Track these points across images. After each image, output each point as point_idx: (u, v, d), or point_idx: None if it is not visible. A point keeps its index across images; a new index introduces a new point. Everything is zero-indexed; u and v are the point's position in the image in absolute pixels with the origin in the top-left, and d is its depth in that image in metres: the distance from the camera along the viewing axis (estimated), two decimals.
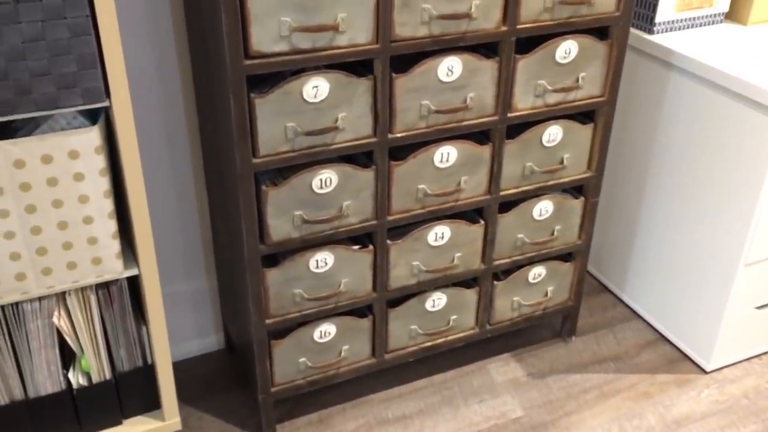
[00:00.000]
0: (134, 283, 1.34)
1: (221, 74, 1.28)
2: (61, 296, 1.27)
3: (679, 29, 1.76)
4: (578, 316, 1.89)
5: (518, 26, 1.41)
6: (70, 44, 1.06)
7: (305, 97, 1.31)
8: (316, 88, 1.31)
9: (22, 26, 1.03)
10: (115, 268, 1.26)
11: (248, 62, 1.24)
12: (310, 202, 1.41)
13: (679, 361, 1.85)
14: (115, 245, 1.24)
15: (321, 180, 1.39)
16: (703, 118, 1.66)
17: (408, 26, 1.33)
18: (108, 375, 1.36)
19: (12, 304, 1.23)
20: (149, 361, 1.39)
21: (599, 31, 1.52)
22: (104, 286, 1.29)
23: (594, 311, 2.02)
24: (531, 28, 1.42)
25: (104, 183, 1.19)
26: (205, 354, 1.86)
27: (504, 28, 1.40)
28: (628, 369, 1.83)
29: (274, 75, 1.35)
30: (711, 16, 1.78)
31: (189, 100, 1.58)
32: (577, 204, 1.69)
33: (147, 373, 1.40)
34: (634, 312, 2.00)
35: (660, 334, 1.93)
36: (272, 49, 1.25)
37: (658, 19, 1.71)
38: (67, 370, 1.35)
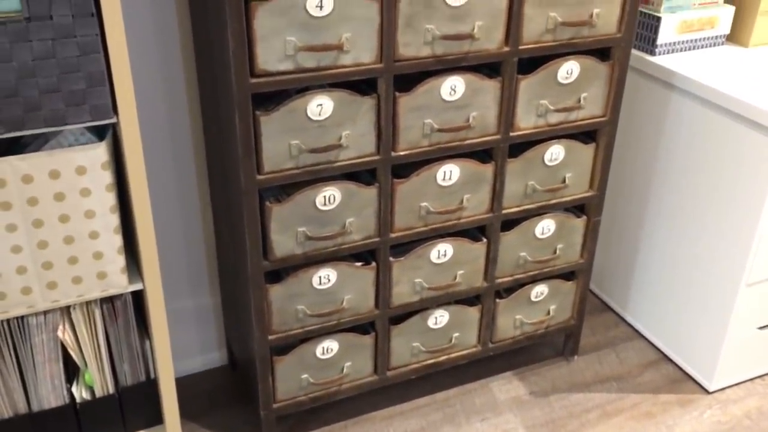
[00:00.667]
0: (138, 297, 1.35)
1: (227, 92, 1.30)
2: (66, 310, 1.28)
3: (681, 51, 1.78)
4: (581, 334, 1.89)
5: (520, 47, 1.43)
6: (80, 62, 1.08)
7: (310, 115, 1.33)
8: (321, 106, 1.33)
9: (33, 44, 1.05)
10: (119, 283, 1.27)
11: (254, 80, 1.26)
12: (314, 218, 1.42)
13: (682, 381, 1.85)
14: (120, 260, 1.25)
15: (324, 197, 1.41)
16: (704, 138, 1.67)
17: (411, 46, 1.35)
18: (111, 389, 1.37)
19: (17, 318, 1.24)
20: (152, 376, 1.39)
21: (601, 51, 1.54)
22: (109, 301, 1.30)
23: (596, 330, 2.02)
24: (533, 49, 1.44)
25: (110, 198, 1.20)
26: (207, 370, 1.86)
27: (506, 49, 1.42)
28: (631, 388, 1.83)
29: (279, 93, 1.37)
30: (713, 38, 1.79)
31: (195, 117, 1.60)
32: (579, 223, 1.70)
33: (150, 388, 1.40)
34: (637, 331, 2.00)
35: (662, 353, 1.93)
36: (277, 67, 1.27)
37: (659, 40, 1.73)
38: (71, 384, 1.35)
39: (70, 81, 1.09)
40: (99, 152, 1.17)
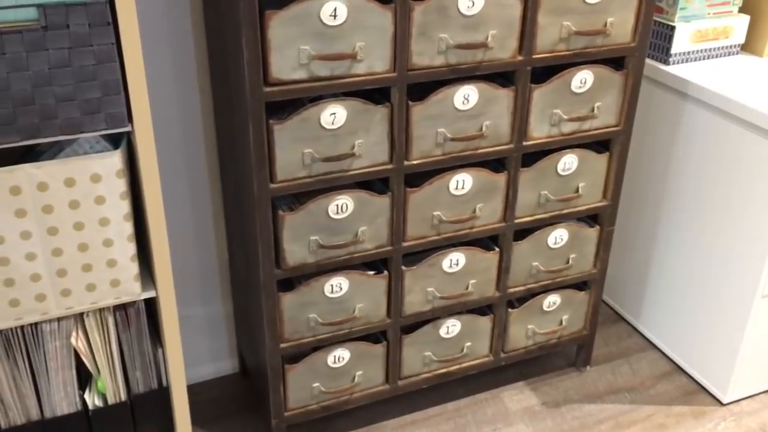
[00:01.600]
0: (151, 305, 1.35)
1: (241, 100, 1.30)
2: (80, 317, 1.29)
3: (695, 60, 1.77)
4: (593, 345, 1.87)
5: (534, 56, 1.43)
6: (95, 71, 1.09)
7: (323, 123, 1.33)
8: (334, 115, 1.33)
9: (49, 53, 1.06)
10: (133, 291, 1.28)
11: (268, 89, 1.27)
12: (326, 227, 1.42)
13: (696, 393, 1.83)
14: (134, 268, 1.26)
15: (337, 206, 1.41)
16: (718, 148, 1.66)
17: (425, 55, 1.35)
18: (123, 396, 1.37)
19: (31, 325, 1.25)
20: (164, 383, 1.39)
21: (615, 61, 1.53)
22: (122, 308, 1.30)
23: (609, 341, 2.00)
24: (547, 58, 1.44)
25: (125, 206, 1.21)
26: (219, 377, 1.86)
27: (520, 58, 1.42)
28: (644, 400, 1.81)
29: (292, 101, 1.37)
30: (727, 47, 1.78)
31: (208, 126, 1.61)
32: (592, 233, 1.69)
33: (162, 395, 1.40)
34: (650, 342, 1.99)
35: (676, 364, 1.91)
36: (291, 76, 1.27)
37: (674, 50, 1.72)
38: (83, 391, 1.36)
39: (85, 89, 1.09)
40: (114, 160, 1.17)
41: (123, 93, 1.12)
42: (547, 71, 1.48)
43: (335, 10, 1.25)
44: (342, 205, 1.41)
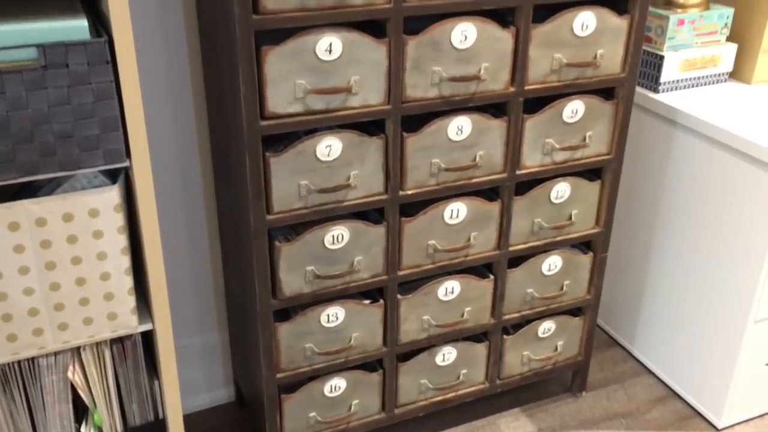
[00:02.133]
0: (147, 336, 1.35)
1: (237, 134, 1.32)
2: (76, 351, 1.29)
3: (684, 88, 1.80)
4: (588, 370, 1.88)
5: (526, 87, 1.45)
6: (94, 108, 1.10)
7: (318, 156, 1.34)
8: (329, 147, 1.35)
9: (49, 91, 1.07)
10: (130, 323, 1.28)
11: (264, 123, 1.28)
12: (322, 257, 1.43)
13: (691, 418, 1.84)
14: (131, 301, 1.26)
15: (333, 236, 1.42)
16: (708, 175, 1.68)
17: (419, 88, 1.37)
18: (120, 429, 1.36)
19: (28, 360, 1.25)
20: (161, 415, 1.39)
21: (605, 91, 1.56)
22: (119, 341, 1.30)
23: (604, 365, 2.01)
24: (538, 90, 1.46)
25: (122, 240, 1.22)
26: (215, 407, 1.86)
27: (512, 90, 1.44)
28: (639, 425, 1.82)
29: (288, 133, 1.39)
30: (715, 75, 1.81)
31: (205, 158, 1.62)
32: (585, 259, 1.71)
33: (158, 427, 1.40)
34: (645, 367, 2.00)
35: (671, 389, 1.92)
36: (287, 110, 1.29)
37: (663, 78, 1.75)
38: (80, 424, 1.35)
39: (84, 126, 1.11)
40: (112, 195, 1.18)
41: (121, 129, 1.13)
42: (540, 101, 1.50)
43: (330, 45, 1.27)
44: (338, 235, 1.42)
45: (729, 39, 1.82)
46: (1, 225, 1.13)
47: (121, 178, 1.22)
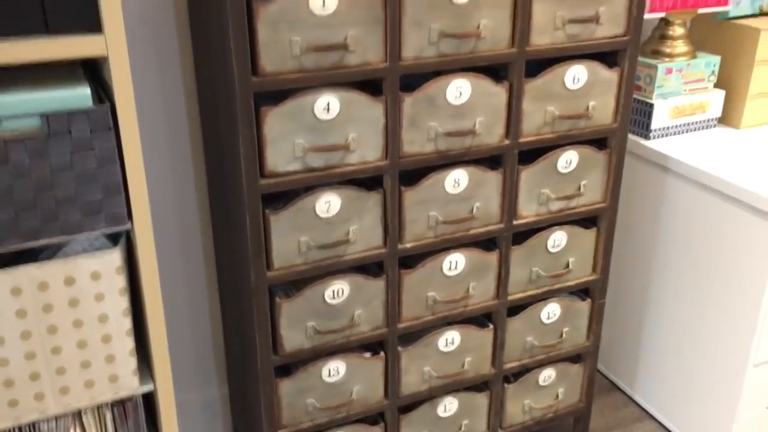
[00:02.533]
0: (148, 395, 1.35)
1: (237, 193, 1.33)
2: (77, 414, 1.28)
3: (675, 134, 1.83)
4: (590, 417, 1.87)
5: (520, 140, 1.47)
6: (97, 173, 1.11)
7: (318, 212, 1.36)
8: (328, 203, 1.36)
9: (52, 158, 1.08)
10: (131, 385, 1.28)
11: (264, 182, 1.30)
12: (323, 312, 1.43)
13: None
14: (132, 362, 1.26)
15: (333, 291, 1.42)
16: (702, 220, 1.70)
17: (416, 143, 1.39)
18: None
19: (29, 425, 1.24)
20: None
21: (598, 140, 1.58)
22: (119, 403, 1.30)
23: (606, 411, 2.00)
24: (533, 142, 1.49)
25: (123, 302, 1.22)
26: None
27: (507, 142, 1.47)
28: None
29: (287, 189, 1.40)
30: (705, 121, 1.85)
31: (204, 217, 1.64)
32: (584, 306, 1.72)
33: None
34: (646, 411, 1.99)
35: None
36: (286, 168, 1.31)
37: (653, 125, 1.78)
38: None
39: (87, 191, 1.12)
40: (113, 257, 1.19)
41: (123, 192, 1.15)
42: (534, 152, 1.53)
43: (328, 104, 1.29)
44: (338, 290, 1.43)
45: (717, 85, 1.85)
46: (4, 290, 1.13)
47: (123, 240, 1.23)
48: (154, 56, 1.49)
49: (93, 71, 1.25)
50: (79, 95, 1.08)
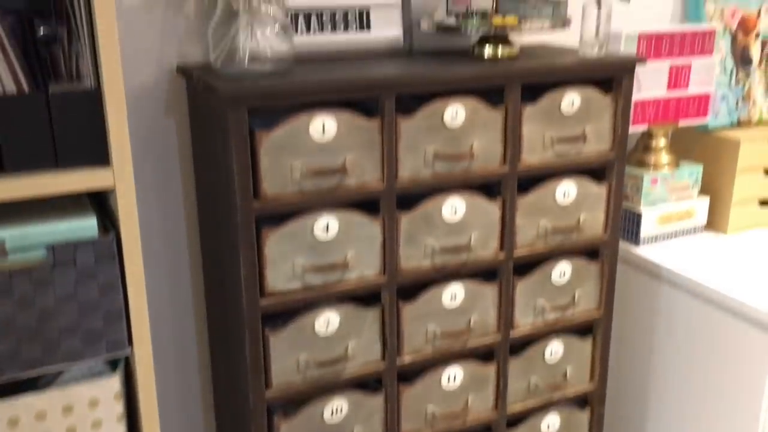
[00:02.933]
0: None
1: (237, 312, 1.34)
2: None
3: (664, 239, 1.87)
4: None
5: (515, 253, 1.50)
6: (99, 301, 1.12)
7: (317, 330, 1.36)
8: (328, 320, 1.37)
9: (56, 287, 1.09)
10: None
11: (263, 302, 1.31)
12: (322, 431, 1.41)
13: None
14: None
15: (332, 409, 1.41)
16: (696, 329, 1.71)
17: (413, 259, 1.42)
18: None
19: None
20: None
21: (590, 251, 1.61)
22: None
23: None
24: (527, 255, 1.52)
25: (121, 428, 1.20)
26: None
27: (502, 256, 1.49)
28: None
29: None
30: (692, 227, 1.89)
31: (202, 337, 1.64)
32: (583, 417, 1.70)
33: None
34: None
35: None
36: (286, 287, 1.32)
37: (642, 233, 1.82)
38: None
39: (88, 320, 1.12)
40: (112, 384, 1.18)
41: (125, 320, 1.15)
42: (529, 263, 1.55)
43: (327, 225, 1.32)
44: (337, 408, 1.42)
45: (701, 192, 1.91)
46: (1, 421, 1.11)
47: (121, 365, 1.23)
48: (157, 181, 1.52)
49: (97, 195, 1.28)
50: (86, 226, 1.10)
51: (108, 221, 1.19)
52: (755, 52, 1.97)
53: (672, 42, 1.79)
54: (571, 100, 1.47)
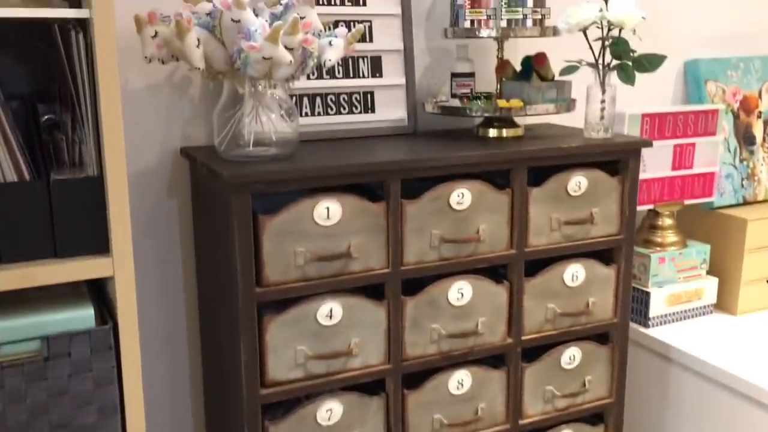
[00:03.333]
0: None
1: (237, 404, 1.29)
2: None
3: (673, 321, 1.83)
4: None
5: (523, 338, 1.46)
6: (94, 395, 1.08)
7: (319, 421, 1.31)
8: (330, 411, 1.32)
9: (49, 381, 1.05)
10: None
11: (264, 392, 1.26)
12: None
13: None
14: None
15: None
16: (706, 412, 1.66)
17: (418, 345, 1.37)
18: None
19: None
20: None
21: (600, 335, 1.57)
22: None
23: None
24: (535, 339, 1.47)
25: None
26: None
27: (509, 341, 1.45)
28: None
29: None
30: (701, 308, 1.86)
31: (199, 427, 1.58)
32: None
33: None
34: None
35: None
36: (288, 376, 1.28)
37: (651, 314, 1.79)
38: None
39: (82, 414, 1.08)
40: None
41: (119, 414, 1.10)
42: (537, 347, 1.51)
43: (331, 311, 1.29)
44: None
45: (709, 272, 1.88)
46: None
47: None
48: (157, 264, 1.49)
49: (96, 285, 1.25)
50: (82, 316, 1.07)
51: (105, 309, 1.15)
52: (758, 131, 1.97)
53: (675, 122, 1.80)
54: (577, 182, 1.46)
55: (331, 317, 1.29)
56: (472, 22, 1.48)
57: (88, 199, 1.05)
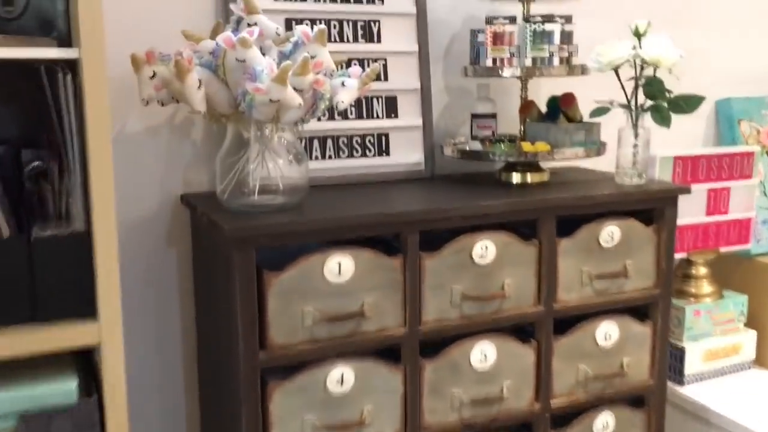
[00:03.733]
0: None
1: None
2: None
3: (709, 378, 1.70)
4: None
5: (552, 403, 1.34)
6: None
7: None
8: None
9: None
10: None
11: None
12: None
13: None
14: None
15: None
16: None
17: (438, 413, 1.25)
18: None
19: None
20: None
21: (635, 400, 1.44)
22: None
23: None
24: (564, 407, 1.35)
25: None
26: None
27: (537, 407, 1.33)
28: None
29: None
30: (740, 363, 1.73)
31: None
32: None
33: None
34: None
35: None
36: None
37: (687, 371, 1.66)
38: None
39: None
40: None
41: None
42: (567, 415, 1.38)
43: (342, 376, 1.17)
44: None
45: (747, 324, 1.75)
46: None
47: None
48: (153, 323, 1.37)
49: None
50: (64, 390, 0.95)
51: (90, 378, 1.04)
52: None
53: (709, 165, 1.69)
54: (610, 232, 1.34)
55: (342, 383, 1.17)
56: (494, 60, 1.38)
57: (73, 257, 0.95)
